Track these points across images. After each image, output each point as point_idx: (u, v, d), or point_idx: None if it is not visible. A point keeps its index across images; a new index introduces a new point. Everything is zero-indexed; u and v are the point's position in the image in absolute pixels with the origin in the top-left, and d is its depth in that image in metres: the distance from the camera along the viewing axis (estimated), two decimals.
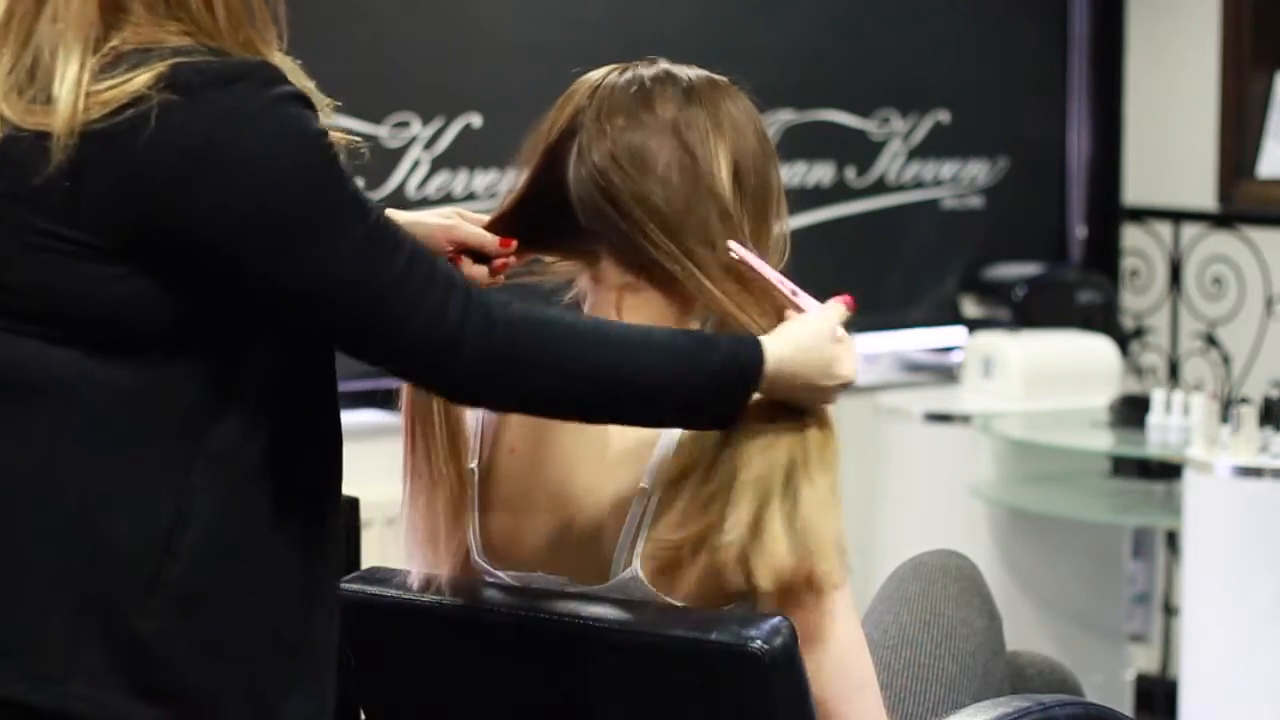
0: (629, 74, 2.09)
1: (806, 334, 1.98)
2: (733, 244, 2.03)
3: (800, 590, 1.96)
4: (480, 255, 2.12)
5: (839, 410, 2.02)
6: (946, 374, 4.95)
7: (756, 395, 1.97)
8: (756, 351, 1.95)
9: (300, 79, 1.82)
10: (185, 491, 1.77)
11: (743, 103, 2.10)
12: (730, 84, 2.11)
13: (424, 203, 4.17)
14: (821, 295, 2.05)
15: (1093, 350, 4.69)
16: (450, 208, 2.15)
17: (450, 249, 2.10)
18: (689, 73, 2.10)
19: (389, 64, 4.19)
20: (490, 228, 2.11)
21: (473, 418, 2.15)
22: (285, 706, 1.83)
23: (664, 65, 2.10)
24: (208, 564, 1.78)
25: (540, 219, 2.10)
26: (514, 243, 2.11)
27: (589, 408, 1.92)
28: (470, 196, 4.29)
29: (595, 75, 2.11)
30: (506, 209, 2.12)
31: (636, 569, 2.01)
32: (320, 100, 1.84)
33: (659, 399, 1.91)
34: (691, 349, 1.92)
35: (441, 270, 1.82)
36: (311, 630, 1.86)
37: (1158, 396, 4.30)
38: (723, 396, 1.94)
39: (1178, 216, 5.10)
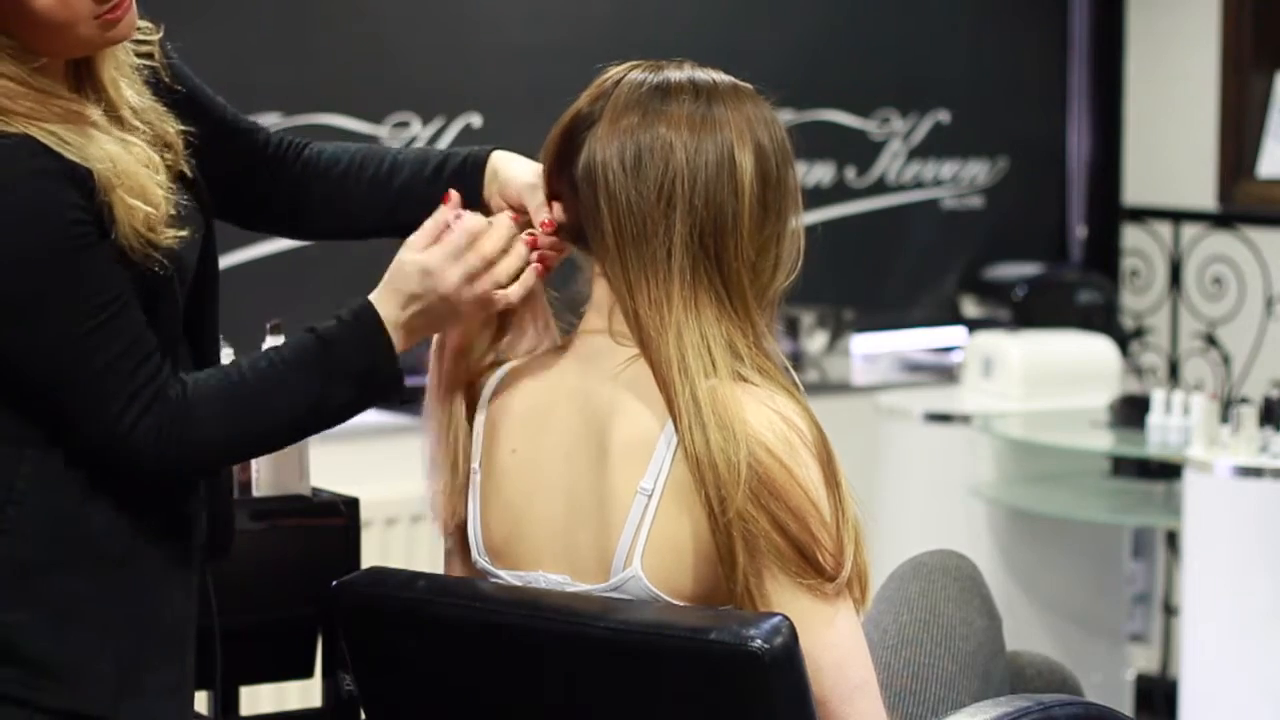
0: (655, 73, 2.09)
1: (394, 267, 2.07)
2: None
3: (839, 584, 1.99)
4: None
5: (839, 409, 2.03)
6: (946, 374, 4.95)
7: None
8: (370, 314, 2.05)
9: (86, 148, 1.91)
10: (15, 475, 1.94)
11: (765, 106, 2.11)
12: (754, 90, 2.12)
13: None
14: (821, 296, 2.06)
15: (1093, 350, 4.69)
16: (536, 170, 2.19)
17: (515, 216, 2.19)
18: (714, 76, 2.11)
19: (389, 64, 4.19)
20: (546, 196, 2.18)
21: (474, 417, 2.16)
22: (148, 678, 1.99)
23: (690, 68, 2.11)
24: (34, 539, 1.93)
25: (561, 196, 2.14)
26: (553, 225, 2.15)
27: (273, 448, 2.10)
28: None
29: (624, 67, 2.12)
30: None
31: (637, 568, 2.01)
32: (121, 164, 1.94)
33: (324, 409, 2.04)
34: (320, 354, 2.03)
35: (145, 369, 1.94)
36: (168, 608, 2.02)
37: (1158, 396, 4.30)
38: (377, 373, 2.05)
39: (1178, 216, 5.10)
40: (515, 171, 2.21)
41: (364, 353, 2.04)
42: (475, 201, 2.21)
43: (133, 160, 1.94)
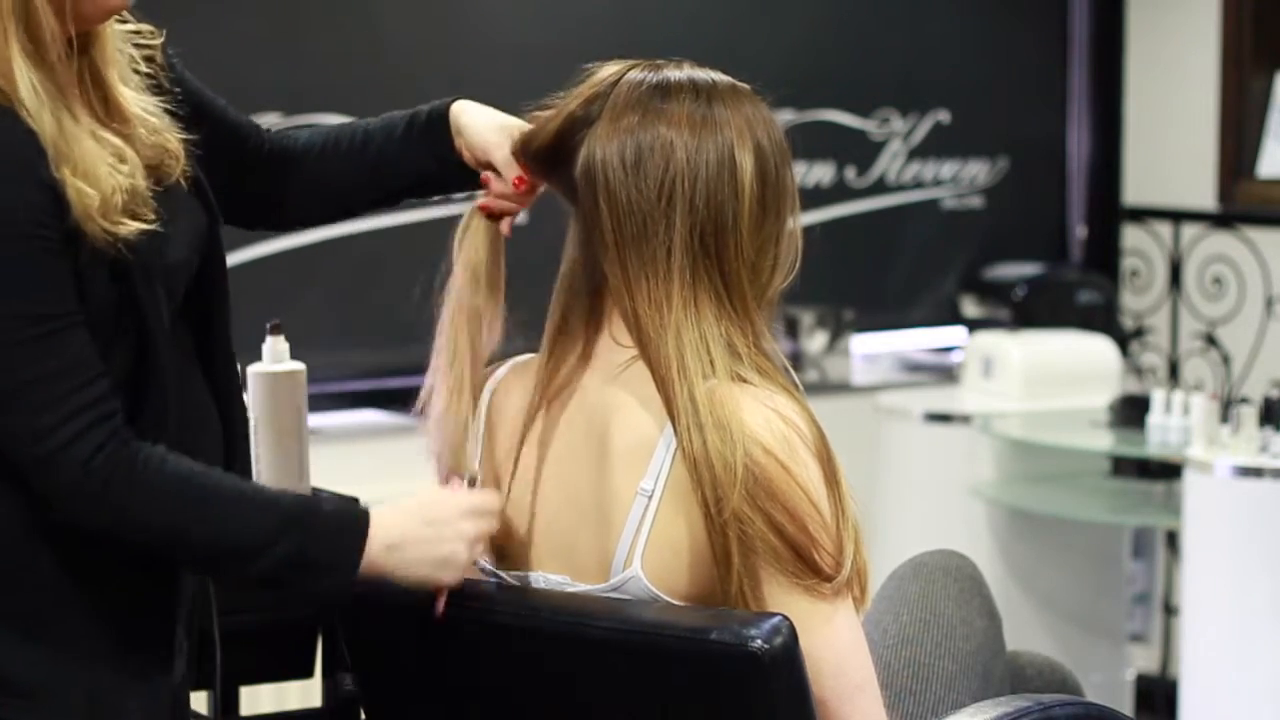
0: (654, 73, 2.09)
1: (425, 510, 2.01)
2: None
3: (838, 584, 1.99)
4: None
5: (839, 409, 2.03)
6: (946, 374, 4.96)
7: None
8: (364, 519, 1.96)
9: (41, 114, 1.84)
10: None
11: (763, 107, 2.11)
12: (751, 90, 2.12)
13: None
14: (821, 296, 2.05)
15: (1093, 350, 4.69)
16: (515, 123, 2.20)
17: (483, 172, 2.20)
18: (713, 75, 2.11)
19: (389, 64, 4.19)
20: (516, 155, 2.18)
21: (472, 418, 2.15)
22: (121, 698, 1.94)
23: (689, 68, 2.11)
24: None
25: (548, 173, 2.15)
26: (525, 185, 2.16)
27: (181, 555, 1.96)
28: (470, 197, 4.29)
29: (621, 67, 2.12)
30: (523, 155, 2.17)
31: (637, 568, 2.01)
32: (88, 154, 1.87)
33: (249, 562, 1.92)
34: (296, 508, 1.94)
35: (87, 392, 1.85)
36: (140, 626, 1.97)
37: (1158, 396, 4.30)
38: (309, 574, 1.94)
39: (1178, 216, 5.10)
40: (478, 127, 2.22)
41: (330, 546, 1.95)
42: (447, 157, 2.23)
43: (93, 146, 1.87)
